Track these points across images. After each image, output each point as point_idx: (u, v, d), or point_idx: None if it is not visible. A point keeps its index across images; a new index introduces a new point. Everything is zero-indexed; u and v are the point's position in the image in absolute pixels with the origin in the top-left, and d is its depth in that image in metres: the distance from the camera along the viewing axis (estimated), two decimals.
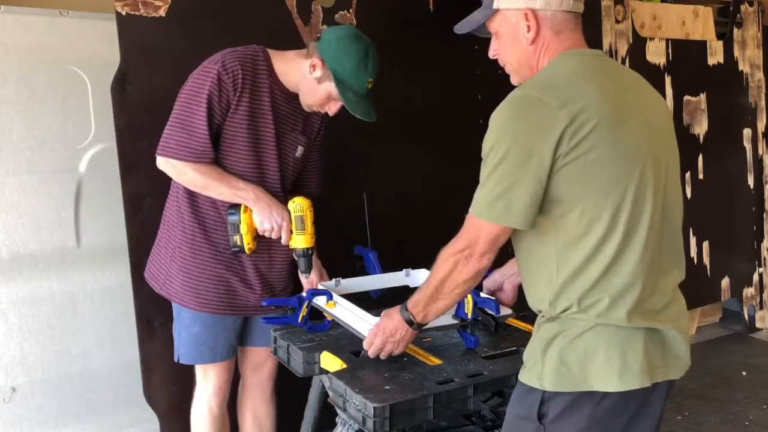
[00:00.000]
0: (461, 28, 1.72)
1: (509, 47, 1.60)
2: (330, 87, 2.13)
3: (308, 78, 2.14)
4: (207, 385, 2.31)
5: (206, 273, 2.19)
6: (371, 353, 1.84)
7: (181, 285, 2.20)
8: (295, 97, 2.21)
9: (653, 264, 1.48)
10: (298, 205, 2.16)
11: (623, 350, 1.44)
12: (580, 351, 1.45)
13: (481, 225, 1.49)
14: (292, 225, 2.15)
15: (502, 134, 1.44)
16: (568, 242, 1.45)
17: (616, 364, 1.44)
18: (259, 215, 2.12)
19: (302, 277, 2.29)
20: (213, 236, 2.19)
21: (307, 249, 2.19)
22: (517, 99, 1.46)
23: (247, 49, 2.14)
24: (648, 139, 1.49)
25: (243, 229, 2.12)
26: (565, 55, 1.53)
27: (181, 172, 2.10)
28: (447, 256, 1.57)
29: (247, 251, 2.14)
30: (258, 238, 2.16)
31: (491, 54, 1.67)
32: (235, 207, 2.13)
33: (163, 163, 2.11)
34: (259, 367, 2.41)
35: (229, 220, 2.13)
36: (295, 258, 2.22)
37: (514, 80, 1.64)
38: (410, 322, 1.74)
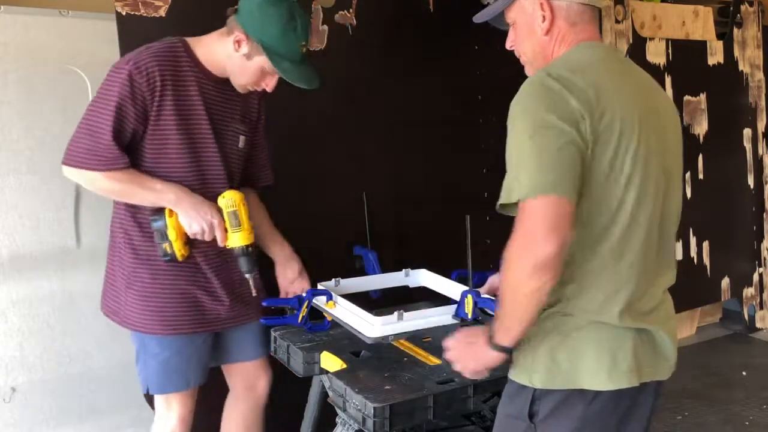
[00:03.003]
0: (480, 17, 1.70)
1: (525, 37, 1.59)
2: (261, 61, 1.95)
3: (234, 56, 1.97)
4: (170, 416, 2.11)
5: (169, 291, 2.01)
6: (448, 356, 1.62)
7: (142, 311, 2.01)
8: (225, 83, 2.04)
9: (648, 266, 1.48)
10: (230, 200, 1.98)
11: (613, 349, 1.44)
12: (571, 349, 1.45)
13: (531, 206, 1.35)
14: (226, 223, 1.98)
15: (524, 117, 1.40)
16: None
17: (605, 363, 1.44)
18: (185, 217, 1.95)
19: (248, 277, 2.06)
20: None
21: (246, 247, 2.01)
22: (538, 79, 1.44)
23: (163, 44, 1.98)
24: (658, 141, 1.49)
25: (171, 235, 1.95)
26: (583, 45, 1.53)
27: (92, 180, 1.93)
28: (507, 255, 1.40)
29: (179, 258, 1.97)
30: (190, 242, 1.99)
31: (508, 45, 1.66)
32: (159, 212, 1.96)
33: (72, 173, 1.94)
34: (253, 386, 2.26)
35: (153, 227, 1.96)
36: (236, 258, 2.03)
37: (528, 71, 1.63)
38: (492, 344, 1.48)
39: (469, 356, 1.55)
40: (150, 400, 2.45)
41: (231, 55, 1.98)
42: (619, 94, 1.44)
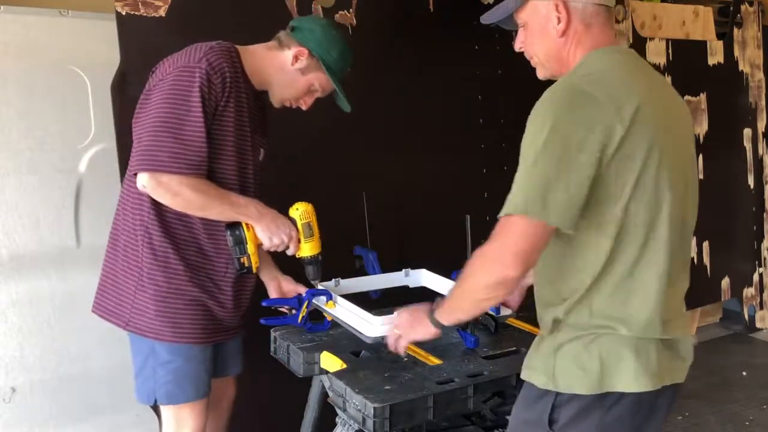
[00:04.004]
0: (489, 17, 1.66)
1: (537, 39, 1.55)
2: (314, 77, 2.03)
3: (288, 69, 2.01)
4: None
5: (183, 298, 1.96)
6: (389, 330, 1.78)
7: (155, 316, 1.94)
8: (258, 95, 2.05)
9: (671, 273, 1.46)
10: (303, 211, 2.04)
11: (638, 353, 1.43)
12: (594, 354, 1.44)
13: (514, 222, 1.35)
14: (300, 234, 2.03)
15: (543, 125, 1.35)
16: (589, 244, 1.42)
17: (631, 366, 1.42)
18: (266, 232, 1.96)
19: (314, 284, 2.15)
20: (186, 255, 1.96)
21: (317, 255, 2.07)
22: (564, 89, 1.40)
23: (222, 46, 1.93)
24: (680, 149, 1.48)
25: (250, 248, 1.95)
26: (603, 52, 1.50)
27: (175, 191, 1.83)
28: (478, 252, 1.43)
29: (254, 270, 2.00)
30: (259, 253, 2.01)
31: (517, 47, 1.62)
32: (236, 225, 1.95)
33: (151, 182, 1.82)
34: (220, 398, 2.18)
35: (232, 240, 1.94)
36: (304, 266, 2.09)
37: (540, 74, 1.60)
38: (432, 318, 1.61)
39: (410, 326, 1.69)
40: (155, 410, 2.42)
41: (284, 67, 2.02)
42: (646, 104, 1.40)
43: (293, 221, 2.04)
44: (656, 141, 1.40)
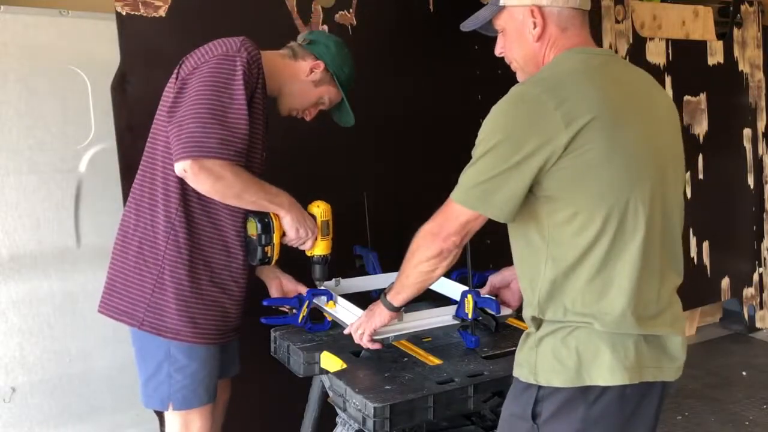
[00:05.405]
0: (468, 25, 1.71)
1: (515, 44, 1.60)
2: (325, 90, 2.09)
3: (302, 80, 2.06)
4: None
5: (203, 299, 1.95)
6: (349, 330, 1.93)
7: (177, 316, 1.91)
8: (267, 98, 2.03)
9: (650, 270, 1.47)
10: (324, 210, 2.06)
11: (614, 347, 1.44)
12: (572, 347, 1.45)
13: (454, 207, 1.51)
14: (318, 231, 2.05)
15: (495, 127, 1.45)
16: (561, 241, 1.45)
17: (607, 359, 1.43)
18: (294, 222, 1.97)
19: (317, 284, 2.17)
20: (209, 254, 1.95)
21: (328, 256, 2.09)
22: (516, 95, 1.46)
23: (252, 41, 1.94)
24: (650, 142, 1.48)
25: (276, 237, 1.95)
26: (571, 53, 1.52)
27: (218, 176, 1.79)
28: (419, 231, 1.61)
29: (273, 263, 2.02)
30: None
31: (497, 52, 1.66)
32: (265, 214, 1.95)
33: (193, 168, 1.77)
34: (217, 400, 2.12)
35: (260, 228, 1.93)
36: (312, 264, 2.10)
37: (520, 78, 1.63)
38: (384, 301, 1.80)
39: (367, 321, 1.85)
40: (158, 412, 2.36)
41: (297, 77, 2.05)
42: (604, 101, 1.42)
43: (313, 217, 2.06)
44: (617, 137, 1.41)
